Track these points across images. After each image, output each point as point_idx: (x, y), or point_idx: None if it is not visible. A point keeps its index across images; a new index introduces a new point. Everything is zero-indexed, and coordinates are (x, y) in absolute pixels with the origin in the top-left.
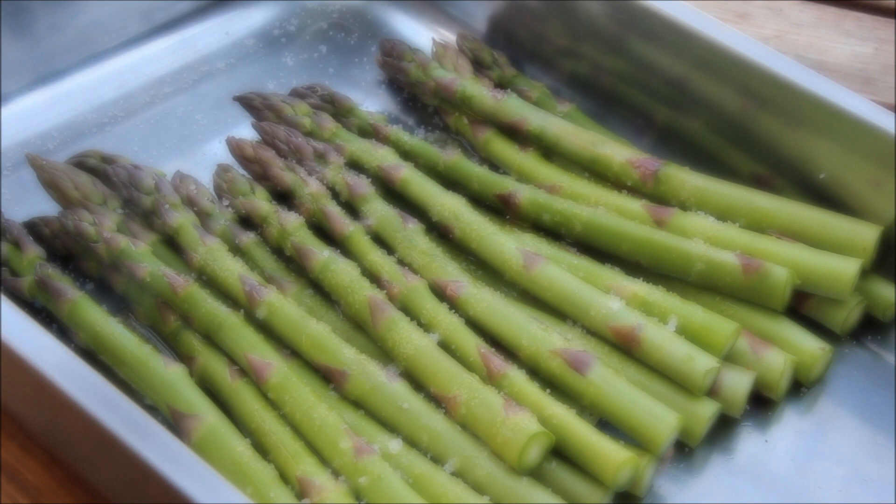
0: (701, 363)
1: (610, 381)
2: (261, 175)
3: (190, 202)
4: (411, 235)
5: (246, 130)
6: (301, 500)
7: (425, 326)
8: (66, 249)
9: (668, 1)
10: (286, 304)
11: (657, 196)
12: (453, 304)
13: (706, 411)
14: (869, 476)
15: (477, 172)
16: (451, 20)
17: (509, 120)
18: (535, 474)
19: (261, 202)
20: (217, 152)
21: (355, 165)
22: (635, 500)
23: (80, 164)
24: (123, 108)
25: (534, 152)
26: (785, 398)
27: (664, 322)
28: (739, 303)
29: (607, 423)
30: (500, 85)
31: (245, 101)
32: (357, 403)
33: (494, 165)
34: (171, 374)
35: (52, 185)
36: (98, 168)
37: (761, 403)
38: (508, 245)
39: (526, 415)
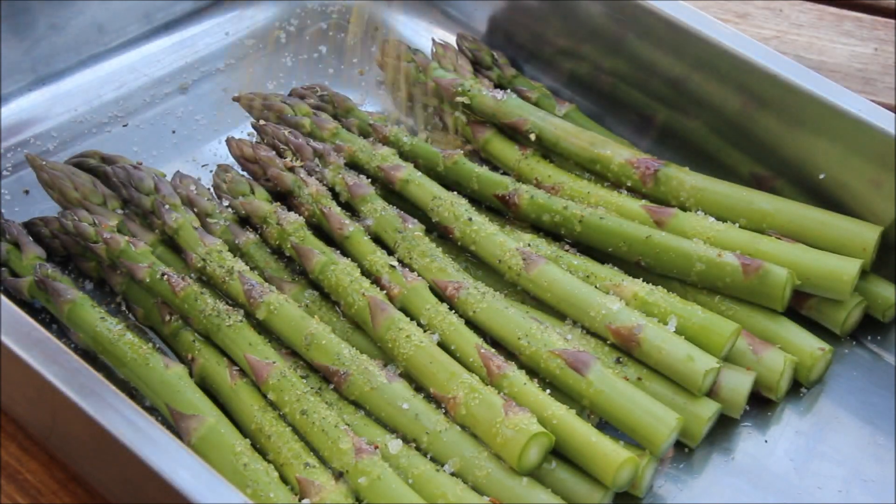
0: (701, 363)
1: (609, 381)
2: (261, 175)
3: (190, 202)
4: (411, 235)
5: (246, 130)
6: (301, 500)
7: (425, 327)
8: (66, 249)
9: (668, 1)
10: (286, 305)
11: (657, 196)
12: (453, 304)
13: (706, 411)
14: (869, 476)
15: (477, 172)
16: (451, 20)
17: (509, 120)
18: (535, 474)
19: (261, 202)
20: (217, 152)
21: (355, 165)
22: (635, 500)
23: (80, 164)
24: (123, 108)
25: (534, 152)
26: (785, 398)
27: (664, 322)
28: (739, 303)
29: (607, 424)
30: (500, 85)
31: (245, 101)
32: (357, 403)
33: (494, 165)
34: (171, 375)
35: (51, 186)
36: (98, 168)
37: (761, 403)
38: (508, 245)
39: (526, 415)
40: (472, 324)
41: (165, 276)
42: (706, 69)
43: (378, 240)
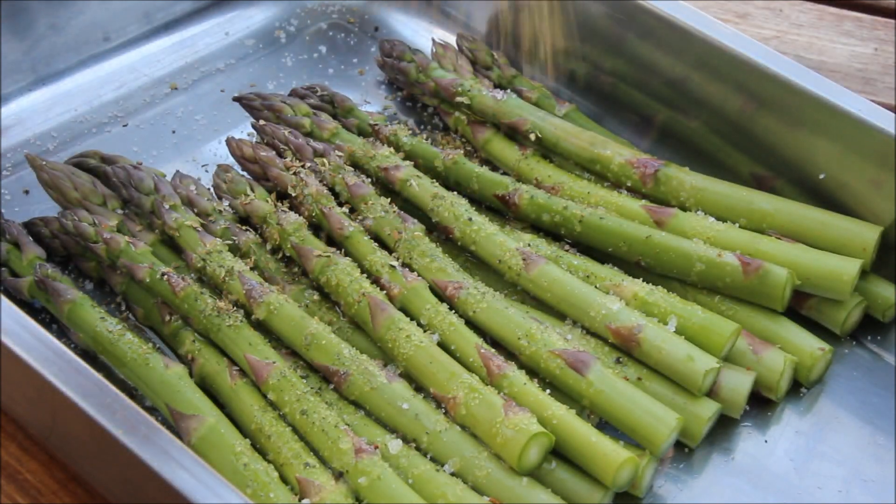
0: (701, 363)
1: (609, 381)
2: (261, 175)
3: (190, 202)
4: (411, 235)
5: (246, 130)
6: (301, 500)
7: (425, 327)
8: (66, 249)
9: (668, 1)
10: (286, 305)
11: (657, 196)
12: (453, 304)
13: (706, 412)
14: (869, 476)
15: (477, 172)
16: (451, 20)
17: (509, 120)
18: (535, 474)
19: (261, 202)
20: (217, 152)
21: (355, 165)
22: (635, 500)
23: (80, 164)
24: (123, 108)
25: (534, 152)
26: (785, 398)
27: (664, 322)
28: (739, 303)
29: (607, 424)
30: (500, 85)
31: (245, 101)
32: (357, 403)
33: (494, 165)
34: (171, 374)
35: (51, 186)
36: (98, 168)
37: (761, 403)
38: (508, 245)
39: (526, 415)
40: (472, 324)
41: (165, 276)
42: (706, 69)
43: (378, 240)
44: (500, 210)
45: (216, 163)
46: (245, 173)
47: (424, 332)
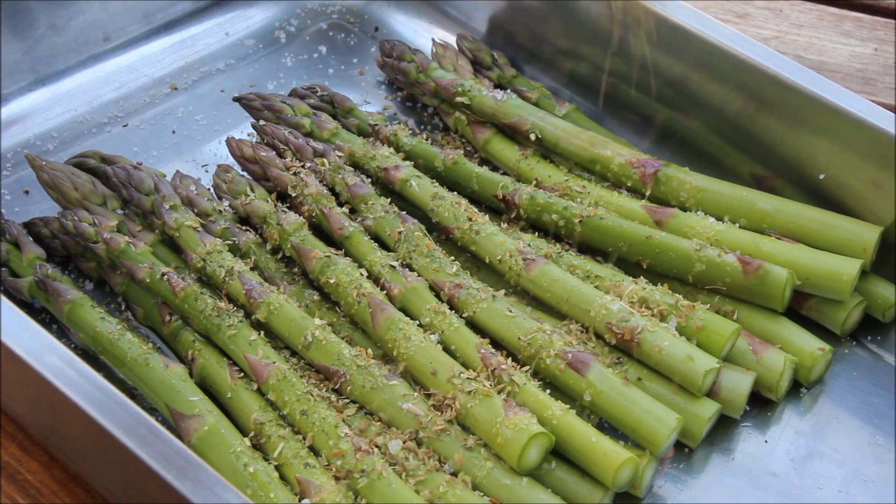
0: (701, 363)
1: (609, 381)
2: (261, 175)
3: (190, 202)
4: (411, 236)
5: (246, 130)
6: (301, 500)
7: (425, 326)
8: (66, 249)
9: (668, 1)
10: (286, 305)
11: (657, 196)
12: (453, 304)
13: (706, 412)
14: (869, 476)
15: (477, 172)
16: (451, 20)
17: (509, 120)
18: (536, 474)
19: (261, 202)
20: (217, 152)
21: (355, 166)
22: (635, 501)
23: (80, 164)
24: (123, 109)
25: (534, 152)
26: (785, 398)
27: (664, 322)
28: (739, 303)
29: (607, 424)
30: (500, 85)
31: (245, 101)
32: (357, 403)
33: (494, 165)
34: (171, 375)
35: (51, 186)
36: (98, 169)
37: (761, 403)
38: (508, 245)
39: (526, 415)
40: (472, 324)
41: (165, 277)
42: (706, 69)
43: (378, 239)
44: (500, 210)
45: (216, 163)
46: (245, 173)
47: (424, 332)
